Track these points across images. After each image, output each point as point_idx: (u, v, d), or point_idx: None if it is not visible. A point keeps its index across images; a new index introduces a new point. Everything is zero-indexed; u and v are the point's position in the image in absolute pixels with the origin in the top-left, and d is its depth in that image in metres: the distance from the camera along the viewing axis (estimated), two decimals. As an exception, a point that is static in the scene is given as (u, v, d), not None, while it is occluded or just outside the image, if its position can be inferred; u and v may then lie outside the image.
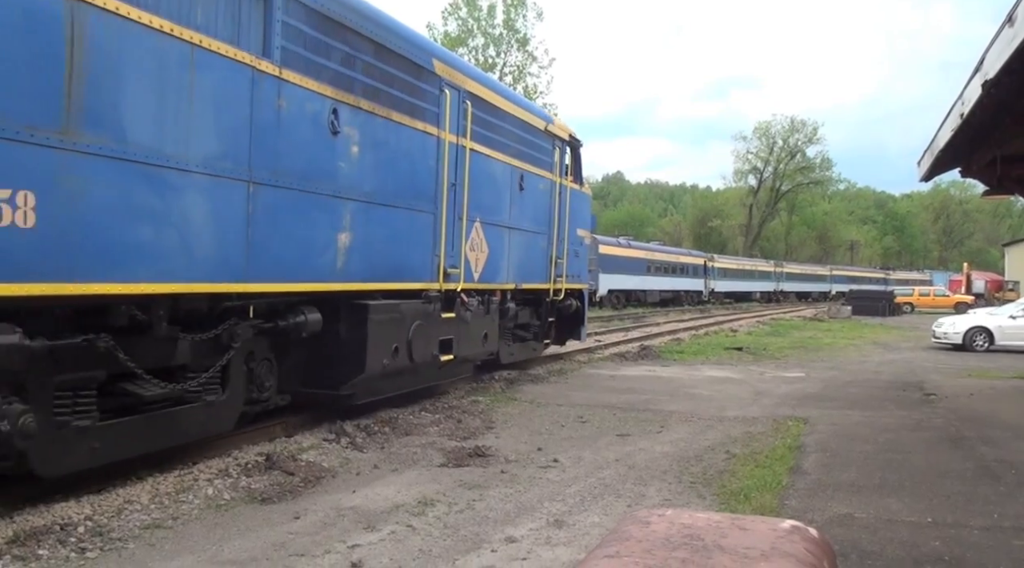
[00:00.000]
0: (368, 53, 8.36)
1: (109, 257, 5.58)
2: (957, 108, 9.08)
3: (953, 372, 16.75)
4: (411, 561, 5.07)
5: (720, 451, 8.42)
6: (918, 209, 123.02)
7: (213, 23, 6.41)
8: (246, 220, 6.77)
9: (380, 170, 8.69)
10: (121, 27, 5.56)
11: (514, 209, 12.11)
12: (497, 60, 53.50)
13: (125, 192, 5.67)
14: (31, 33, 4.96)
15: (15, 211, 4.84)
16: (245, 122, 6.71)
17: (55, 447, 5.61)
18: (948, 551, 5.39)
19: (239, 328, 7.12)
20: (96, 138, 5.41)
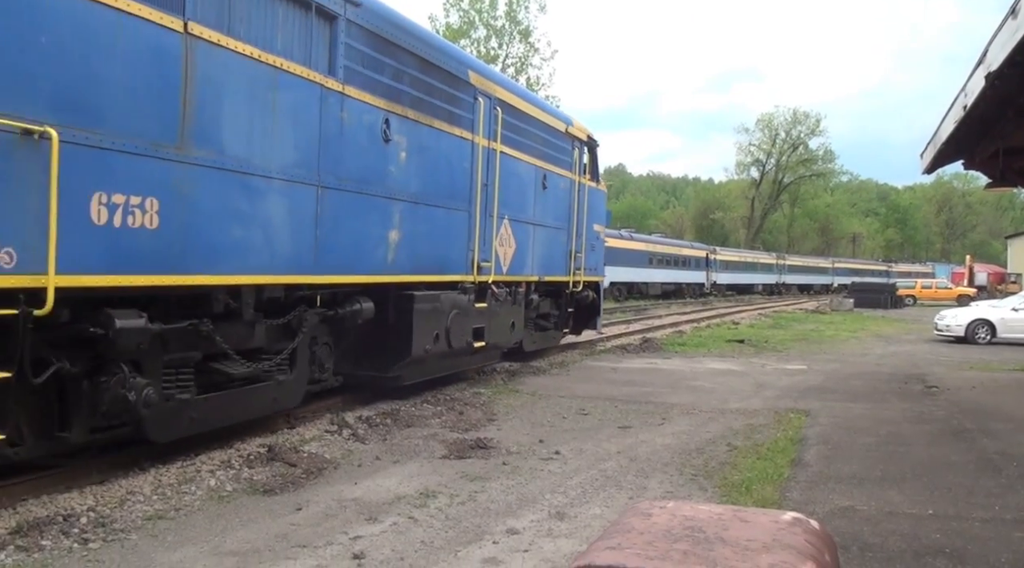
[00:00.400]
0: (414, 67, 9.26)
1: (211, 252, 6.50)
2: (960, 100, 9.06)
3: (955, 365, 16.75)
4: (413, 552, 5.09)
5: (722, 443, 8.43)
6: (921, 201, 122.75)
7: (290, 47, 7.35)
8: (315, 220, 7.69)
9: (424, 173, 9.57)
10: (221, 56, 6.50)
11: (538, 206, 12.94)
12: (499, 52, 53.39)
13: (223, 197, 6.60)
14: (157, 67, 5.96)
15: (144, 214, 5.82)
16: (315, 133, 7.64)
17: (164, 417, 6.43)
18: (949, 543, 5.39)
19: (306, 315, 8.01)
20: (202, 151, 6.34)
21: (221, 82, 6.51)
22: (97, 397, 5.95)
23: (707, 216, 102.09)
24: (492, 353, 12.32)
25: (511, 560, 4.99)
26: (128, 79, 5.74)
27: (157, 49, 5.94)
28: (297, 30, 7.44)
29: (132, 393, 5.94)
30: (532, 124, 12.68)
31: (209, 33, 6.34)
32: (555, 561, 4.96)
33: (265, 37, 7.04)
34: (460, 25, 52.82)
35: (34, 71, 5.13)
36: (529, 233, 12.63)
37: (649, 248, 49.04)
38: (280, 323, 7.73)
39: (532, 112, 12.74)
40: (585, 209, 15.00)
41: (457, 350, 10.47)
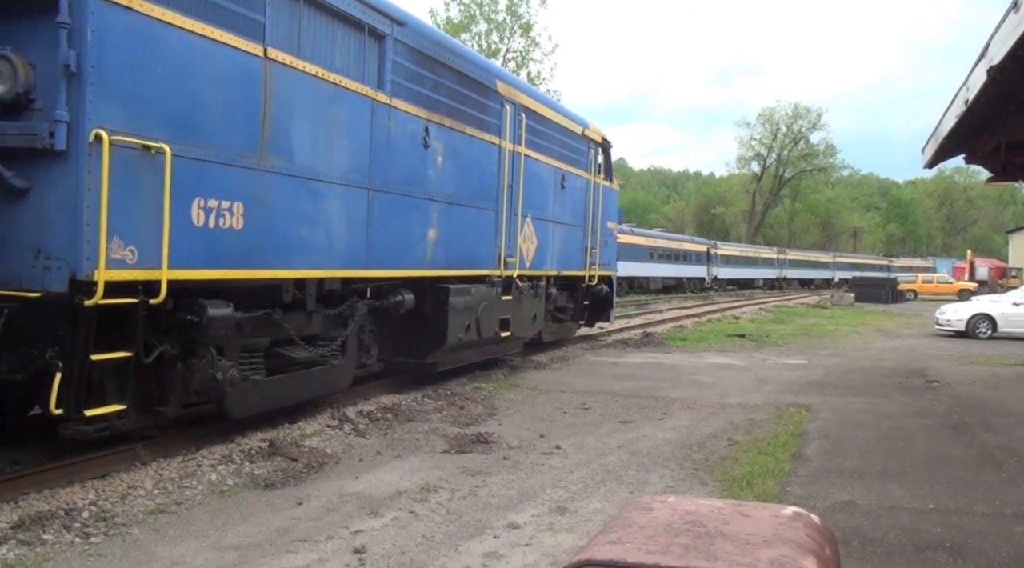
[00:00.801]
0: (450, 79, 10.13)
1: (284, 249, 7.39)
2: (962, 94, 9.04)
3: (956, 359, 16.75)
4: (414, 547, 5.09)
5: (722, 438, 8.43)
6: (922, 196, 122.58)
7: (347, 65, 8.21)
8: (366, 220, 8.59)
9: (457, 176, 10.44)
10: (292, 76, 7.35)
11: (557, 205, 13.80)
12: (500, 46, 53.26)
13: (293, 200, 7.48)
14: (243, 88, 6.83)
15: (232, 217, 6.70)
16: (367, 141, 8.53)
17: (241, 396, 7.18)
18: (950, 537, 5.40)
19: (357, 306, 8.84)
20: (277, 160, 7.23)
21: (292, 99, 7.40)
22: (189, 377, 6.74)
23: (708, 211, 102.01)
24: (515, 343, 12.95)
25: (512, 554, 5.00)
26: (221, 99, 6.63)
27: (243, 72, 6.82)
28: (352, 49, 8.35)
29: (219, 373, 6.78)
30: (552, 128, 13.50)
31: (283, 56, 7.21)
32: (556, 555, 4.97)
33: (327, 57, 7.93)
34: (461, 19, 52.71)
35: (151, 95, 6.00)
36: (549, 230, 13.46)
37: (650, 243, 49.00)
38: (335, 312, 8.58)
39: (552, 116, 13.58)
40: (600, 207, 15.83)
41: (486, 339, 11.34)
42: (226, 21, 6.59)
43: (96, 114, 5.58)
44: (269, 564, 4.76)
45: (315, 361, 8.26)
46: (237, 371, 7.03)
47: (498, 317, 11.66)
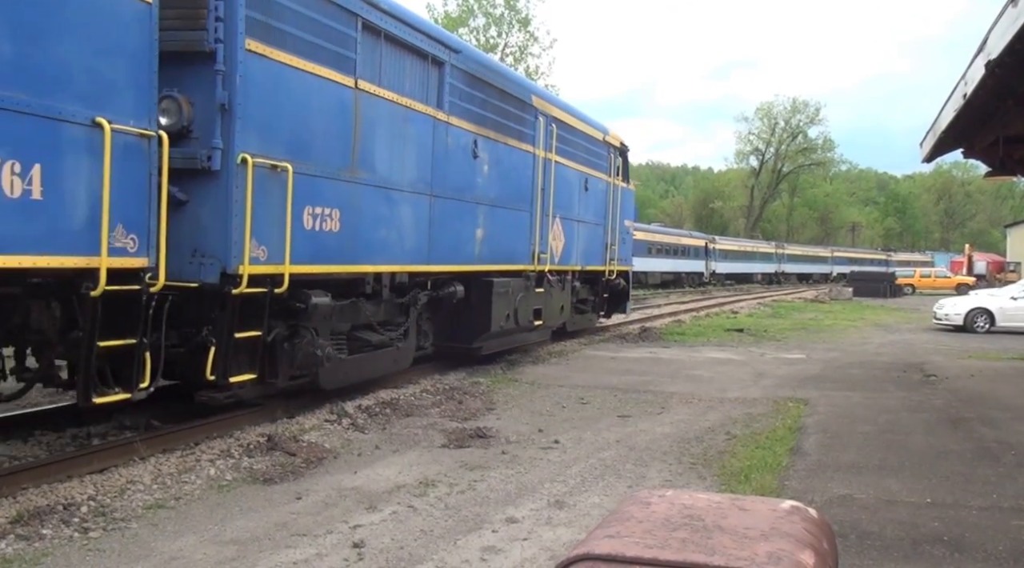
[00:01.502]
0: (494, 97, 11.47)
1: (368, 248, 8.74)
2: (960, 89, 9.03)
3: (954, 353, 16.77)
4: (412, 541, 5.10)
5: (720, 432, 8.45)
6: (920, 190, 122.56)
7: (414, 89, 9.57)
8: (428, 222, 9.94)
9: (499, 181, 11.74)
10: (375, 102, 8.75)
11: (581, 206, 15.15)
12: (498, 41, 53.15)
13: (375, 206, 8.83)
14: (340, 114, 8.21)
15: (331, 221, 8.05)
16: (429, 154, 9.86)
17: (331, 371, 8.45)
18: (947, 531, 5.41)
19: (419, 296, 10.22)
20: (363, 173, 8.60)
21: (375, 121, 8.75)
22: (294, 354, 7.97)
23: (706, 205, 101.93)
24: (545, 331, 14.37)
25: (510, 549, 5.01)
26: (324, 124, 8.00)
27: (340, 101, 8.20)
28: (418, 76, 9.68)
29: (319, 351, 8.08)
30: (578, 136, 14.82)
31: (369, 86, 8.57)
32: (554, 550, 4.98)
33: (399, 83, 9.26)
34: (459, 14, 52.61)
35: (278, 124, 7.37)
36: (574, 229, 14.81)
37: (648, 237, 48.94)
38: (401, 302, 9.90)
39: (578, 125, 14.89)
40: (618, 207, 17.23)
41: (522, 327, 12.72)
42: (329, 60, 7.92)
43: (242, 141, 6.91)
44: (268, 558, 4.77)
45: (385, 343, 9.57)
46: (332, 349, 8.40)
47: (532, 307, 13.04)
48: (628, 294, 18.74)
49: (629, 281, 18.67)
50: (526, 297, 12.68)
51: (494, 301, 11.54)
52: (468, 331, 11.54)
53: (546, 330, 14.35)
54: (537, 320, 13.29)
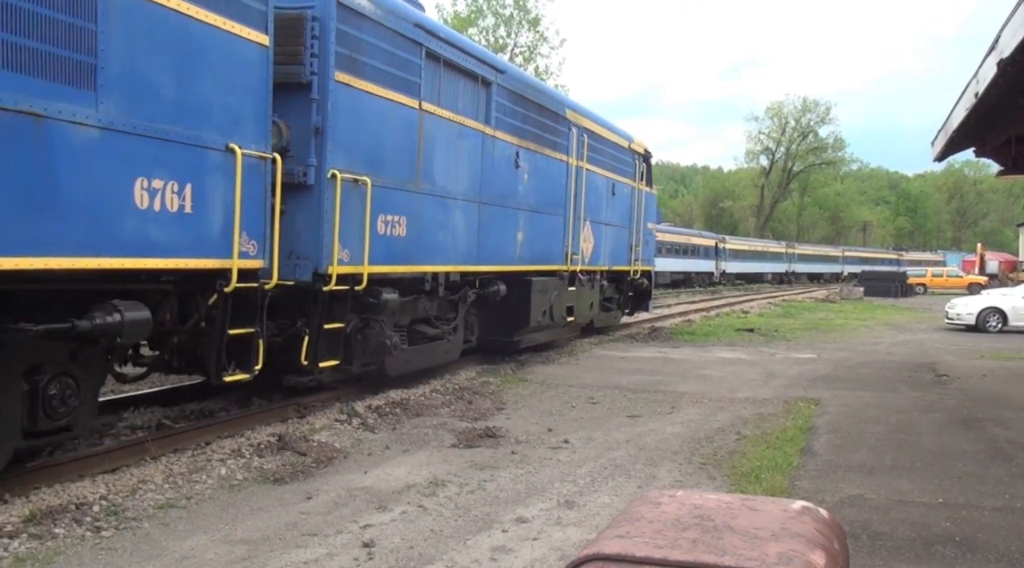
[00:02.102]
0: (533, 111, 12.59)
1: (428, 250, 9.84)
2: (972, 87, 8.98)
3: (966, 353, 16.68)
4: (422, 541, 5.11)
5: (731, 432, 8.43)
6: (931, 189, 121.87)
7: (467, 107, 10.66)
8: (478, 226, 11.01)
9: (537, 189, 12.83)
10: (435, 121, 9.83)
11: (608, 210, 16.21)
12: (508, 40, 53.10)
13: (433, 213, 9.90)
14: (407, 133, 9.30)
15: (399, 227, 9.16)
16: (478, 165, 10.93)
17: (396, 359, 9.49)
18: (959, 532, 5.38)
19: (468, 293, 11.24)
20: (425, 184, 9.70)
21: (434, 137, 9.83)
22: (366, 344, 8.94)
23: (716, 205, 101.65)
24: (575, 327, 15.49)
25: (520, 548, 5.01)
26: (394, 142, 9.09)
27: (407, 121, 9.29)
28: (469, 95, 10.74)
29: (388, 340, 9.10)
30: (606, 144, 15.92)
31: (430, 106, 9.66)
32: (564, 549, 4.98)
33: (454, 103, 10.32)
34: (468, 14, 52.60)
35: (359, 143, 8.45)
36: (602, 232, 15.87)
37: (658, 237, 48.75)
38: (453, 298, 10.94)
39: (606, 135, 15.98)
40: (642, 210, 18.35)
41: (556, 323, 13.82)
42: (398, 85, 9.02)
43: (331, 159, 8.00)
44: (279, 558, 4.79)
45: (439, 336, 10.59)
46: (399, 339, 9.44)
47: (565, 304, 14.12)
48: (651, 293, 19.84)
49: (652, 280, 19.76)
50: (560, 295, 13.77)
51: (533, 298, 12.61)
52: (509, 326, 12.58)
53: (576, 326, 15.52)
54: (570, 316, 14.40)
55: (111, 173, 5.63)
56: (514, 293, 12.27)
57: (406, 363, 9.82)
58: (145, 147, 5.87)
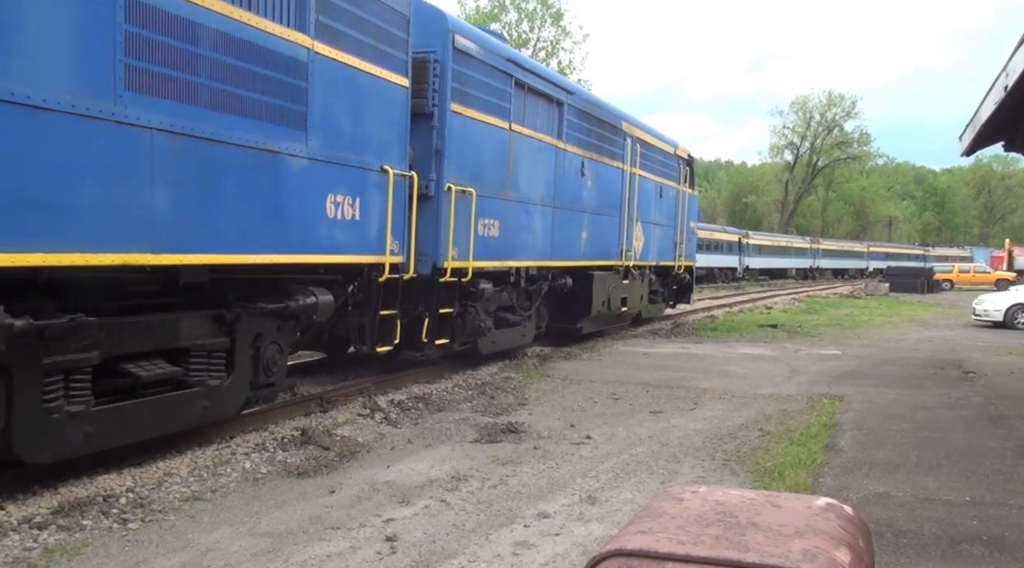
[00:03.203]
0: (596, 125, 14.33)
1: (515, 248, 11.64)
2: (1001, 81, 8.85)
3: (993, 350, 16.48)
4: (445, 535, 5.13)
5: (754, 429, 8.38)
6: (959, 184, 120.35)
7: (544, 125, 12.45)
8: (552, 227, 12.75)
9: (598, 193, 14.50)
10: (521, 138, 11.58)
11: (656, 211, 17.95)
12: (530, 35, 53.02)
13: (518, 217, 11.69)
14: (500, 150, 11.05)
15: (493, 228, 10.88)
16: (552, 175, 12.71)
17: (487, 340, 11.26)
18: (986, 530, 5.33)
19: (542, 285, 12.79)
20: (513, 193, 11.48)
21: (520, 153, 11.59)
22: (465, 326, 10.63)
23: (740, 200, 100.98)
24: (627, 316, 17.31)
25: (542, 544, 5.01)
26: (491, 158, 10.84)
27: (500, 141, 11.07)
28: (546, 114, 12.53)
29: (483, 323, 10.90)
30: (654, 151, 17.66)
31: (517, 127, 11.46)
32: (586, 545, 4.98)
33: (535, 122, 12.08)
34: (491, 8, 52.56)
35: (466, 161, 10.21)
36: (651, 230, 17.56)
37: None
38: (530, 290, 12.55)
39: (655, 142, 17.71)
40: (685, 210, 20.09)
41: (612, 312, 15.59)
42: (493, 110, 10.77)
43: (447, 174, 9.80)
44: (302, 551, 4.82)
45: (518, 322, 12.21)
46: (490, 323, 11.11)
47: (620, 296, 15.82)
48: (692, 286, 21.50)
49: (693, 275, 21.46)
50: (616, 287, 15.47)
51: (594, 290, 14.30)
52: (573, 314, 14.29)
53: (628, 316, 17.24)
54: (623, 307, 16.18)
55: (313, 191, 7.44)
56: (578, 285, 13.84)
57: (492, 344, 11.46)
58: (333, 171, 7.69)
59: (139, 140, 5.61)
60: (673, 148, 19.07)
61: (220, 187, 6.35)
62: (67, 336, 5.40)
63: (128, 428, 6.03)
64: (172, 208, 5.92)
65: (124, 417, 5.96)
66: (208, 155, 6.21)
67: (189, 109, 5.99)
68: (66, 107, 5.08)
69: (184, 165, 6.00)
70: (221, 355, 6.88)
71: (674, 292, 20.37)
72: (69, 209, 5.18)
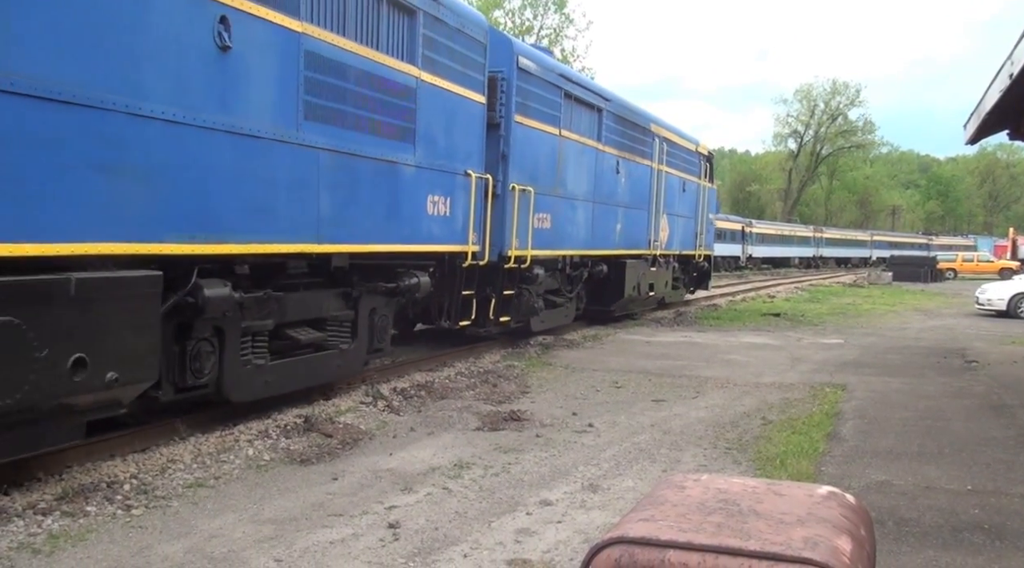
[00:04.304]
0: (629, 128, 15.99)
1: (563, 238, 13.26)
2: (1006, 68, 8.81)
3: (996, 339, 16.47)
4: (447, 523, 5.14)
5: (756, 417, 8.39)
6: (963, 173, 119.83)
7: (586, 130, 14.10)
8: (592, 220, 14.35)
9: (630, 189, 16.18)
10: (568, 142, 13.25)
11: (679, 204, 19.65)
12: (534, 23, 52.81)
13: (566, 211, 13.30)
14: (551, 153, 12.64)
15: (545, 222, 12.35)
16: (592, 173, 14.36)
17: (538, 319, 12.92)
18: (988, 519, 5.34)
19: (583, 272, 14.57)
20: (561, 190, 13.08)
21: (567, 155, 13.24)
22: (520, 306, 12.15)
23: (743, 188, 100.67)
24: (653, 301, 19.02)
25: (544, 531, 5.03)
26: (545, 161, 12.49)
27: (552, 145, 12.70)
28: (587, 120, 14.17)
29: (536, 303, 12.45)
30: (678, 149, 19.33)
31: (565, 132, 13.11)
32: (588, 532, 4.99)
33: (579, 127, 13.71)
34: (494, -5, 52.25)
35: (525, 163, 11.80)
36: (675, 222, 19.21)
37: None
38: (573, 275, 14.26)
39: (679, 141, 19.39)
40: (705, 203, 21.85)
41: (641, 296, 17.35)
42: (546, 119, 12.43)
43: (512, 176, 11.44)
44: (305, 538, 4.84)
45: (562, 304, 13.88)
46: (542, 304, 12.68)
47: (648, 282, 17.51)
48: (710, 273, 23.31)
49: (711, 263, 23.27)
50: (645, 274, 17.15)
51: (626, 276, 15.96)
52: (608, 298, 15.98)
53: (654, 300, 19.00)
54: (650, 292, 17.84)
55: (418, 193, 9.13)
56: (612, 272, 15.52)
57: (542, 322, 13.16)
58: (431, 176, 9.34)
59: (311, 157, 7.31)
60: (694, 145, 20.73)
61: (358, 191, 8.05)
62: (257, 307, 7.07)
63: (291, 379, 7.72)
64: (329, 208, 7.58)
65: (289, 370, 7.69)
66: (351, 166, 7.90)
67: (340, 131, 7.67)
68: (269, 135, 6.76)
69: (337, 174, 7.68)
70: (348, 324, 8.53)
71: (694, 279, 21.89)
72: (271, 210, 6.86)
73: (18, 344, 4.76)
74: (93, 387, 5.25)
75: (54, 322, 4.97)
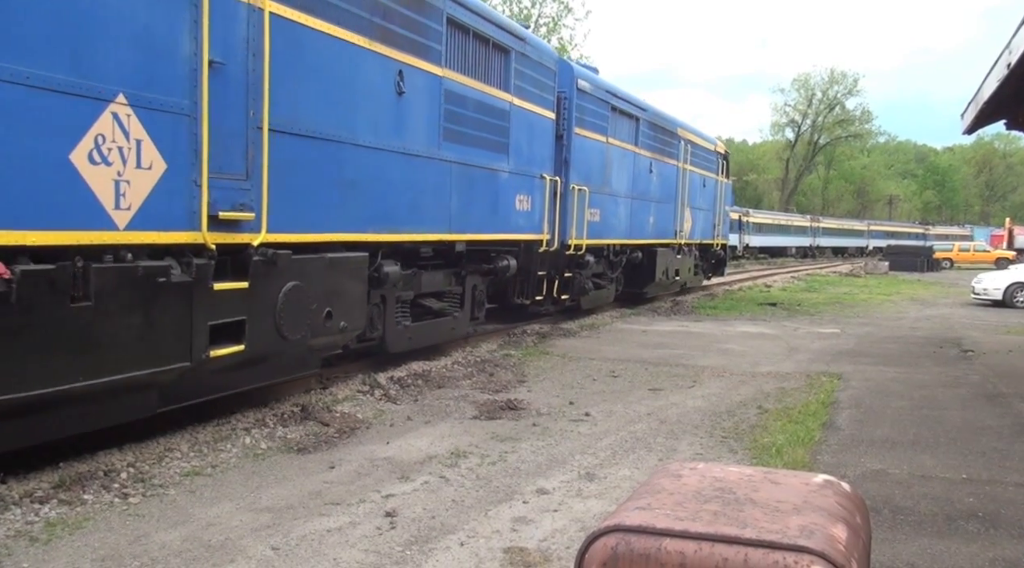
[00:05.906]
0: (660, 133, 18.08)
1: (609, 228, 15.26)
2: (1004, 58, 8.79)
3: (992, 328, 16.51)
4: (444, 511, 5.15)
5: (752, 406, 8.41)
6: (960, 163, 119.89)
7: (626, 136, 16.03)
8: (630, 213, 16.39)
9: (660, 186, 18.24)
10: (613, 148, 15.27)
11: (700, 198, 21.73)
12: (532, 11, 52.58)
13: (610, 206, 15.26)
14: (601, 157, 14.81)
15: (596, 215, 14.49)
16: (631, 173, 16.34)
17: (587, 298, 15.01)
18: (982, 507, 5.36)
19: (623, 258, 16.71)
20: (607, 188, 15.06)
21: (612, 158, 15.23)
22: (572, 287, 14.23)
23: (740, 178, 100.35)
24: (677, 284, 20.61)
25: (541, 519, 5.04)
26: (596, 164, 14.47)
27: (601, 151, 14.70)
28: (627, 128, 16.13)
29: (587, 284, 14.71)
30: (700, 149, 21.47)
31: (612, 140, 15.15)
32: (584, 521, 5.01)
33: (621, 134, 15.72)
34: (491, -16, 51.96)
35: (581, 166, 13.79)
36: (696, 214, 21.30)
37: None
38: (614, 260, 16.31)
39: (700, 142, 21.57)
40: (722, 197, 24.15)
41: (668, 280, 19.26)
42: (596, 129, 14.35)
43: (572, 177, 13.43)
44: (302, 526, 4.85)
45: (604, 286, 15.86)
46: (591, 286, 14.89)
47: (675, 268, 19.56)
48: (726, 261, 25.29)
49: (727, 252, 25.32)
50: (671, 261, 19.17)
51: (658, 262, 17.98)
52: (641, 282, 17.98)
53: (678, 284, 20.73)
54: (676, 276, 19.84)
55: (510, 193, 11.22)
56: (645, 258, 17.52)
57: (590, 303, 15.25)
58: (518, 179, 11.42)
59: (446, 169, 9.51)
60: (713, 145, 23.21)
61: (473, 193, 10.17)
62: (405, 281, 9.03)
63: (425, 337, 9.88)
64: (456, 207, 9.73)
65: (423, 330, 9.83)
66: (469, 174, 10.05)
67: (463, 147, 9.85)
68: (424, 153, 8.97)
69: (461, 181, 9.83)
70: (458, 297, 10.66)
71: (712, 265, 23.94)
72: (423, 209, 9.01)
73: (303, 299, 7.00)
74: (334, 331, 7.58)
75: (317, 285, 7.23)
